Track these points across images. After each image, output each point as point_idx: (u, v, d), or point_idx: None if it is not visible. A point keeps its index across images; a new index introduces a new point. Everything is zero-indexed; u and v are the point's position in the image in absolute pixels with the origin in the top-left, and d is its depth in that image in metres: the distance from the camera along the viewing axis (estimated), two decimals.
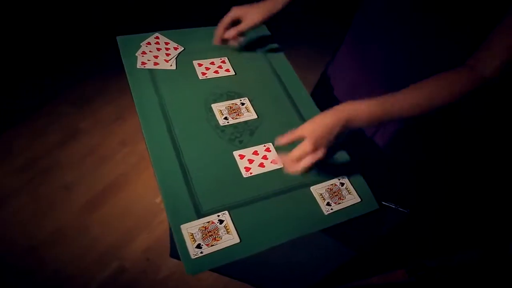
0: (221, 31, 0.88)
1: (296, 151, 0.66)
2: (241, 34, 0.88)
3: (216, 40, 0.89)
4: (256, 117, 0.83)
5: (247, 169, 0.75)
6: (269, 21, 0.88)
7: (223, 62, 0.92)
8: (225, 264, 0.63)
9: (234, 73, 0.90)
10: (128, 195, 1.69)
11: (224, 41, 0.90)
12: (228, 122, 0.81)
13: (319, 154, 0.66)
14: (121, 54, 0.87)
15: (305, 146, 0.65)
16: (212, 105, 0.82)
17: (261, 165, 0.76)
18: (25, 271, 1.43)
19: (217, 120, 0.81)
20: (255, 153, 0.77)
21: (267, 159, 0.77)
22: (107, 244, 1.54)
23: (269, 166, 0.76)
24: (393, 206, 0.78)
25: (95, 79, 2.01)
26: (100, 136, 1.83)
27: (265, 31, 1.02)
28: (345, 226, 0.73)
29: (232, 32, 0.87)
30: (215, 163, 0.74)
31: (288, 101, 0.88)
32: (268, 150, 0.77)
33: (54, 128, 1.81)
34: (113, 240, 1.55)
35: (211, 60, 0.91)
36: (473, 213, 1.75)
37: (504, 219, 1.73)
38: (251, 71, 0.92)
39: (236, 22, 0.87)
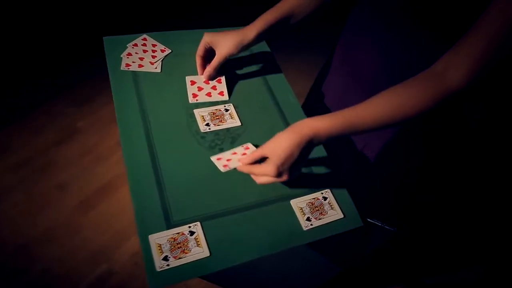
0: (200, 62, 0.83)
1: (261, 175, 0.65)
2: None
3: (201, 73, 0.84)
4: (240, 124, 0.80)
5: (225, 166, 0.71)
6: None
7: (219, 81, 0.86)
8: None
9: (227, 98, 0.84)
10: (122, 196, 1.67)
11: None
12: (209, 129, 0.78)
13: (284, 178, 0.64)
14: (105, 54, 0.86)
15: (269, 171, 0.63)
16: (194, 111, 0.80)
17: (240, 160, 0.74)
18: (14, 270, 1.42)
19: (198, 126, 0.78)
20: (234, 153, 0.73)
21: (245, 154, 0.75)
22: (98, 245, 1.53)
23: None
24: (379, 224, 0.74)
25: (95, 79, 2.01)
26: (98, 136, 1.83)
27: None
28: (329, 241, 0.70)
29: (208, 72, 0.82)
30: (192, 171, 0.72)
31: (275, 109, 0.85)
32: (247, 148, 0.73)
33: (52, 126, 1.81)
34: (104, 241, 1.54)
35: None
36: (475, 227, 1.68)
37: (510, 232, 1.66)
38: (239, 77, 0.90)
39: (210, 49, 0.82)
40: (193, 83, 0.84)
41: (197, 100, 0.81)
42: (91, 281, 1.44)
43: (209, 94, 0.83)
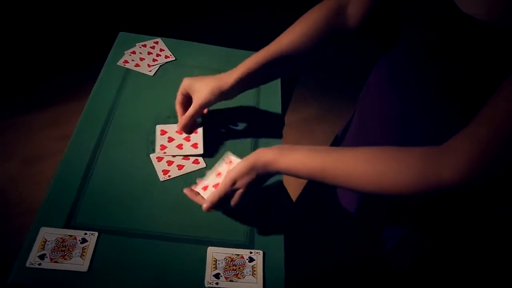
0: (180, 110, 0.75)
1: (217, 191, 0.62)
2: (198, 115, 0.74)
3: (179, 126, 0.75)
4: (202, 152, 0.74)
5: (165, 172, 0.71)
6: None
7: (195, 132, 0.76)
8: None
9: (202, 151, 0.74)
10: None
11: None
12: (165, 153, 0.74)
13: (232, 199, 0.62)
14: (112, 47, 0.90)
15: (220, 184, 0.61)
16: (157, 126, 0.76)
17: (180, 167, 0.72)
18: (11, 232, 1.53)
19: (155, 140, 0.75)
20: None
21: (188, 159, 0.73)
22: None
23: (190, 167, 0.72)
24: None
25: None
26: None
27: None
28: None
29: (182, 122, 0.73)
30: (125, 179, 0.69)
31: (250, 143, 0.78)
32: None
33: None
34: None
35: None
36: None
37: None
38: (226, 128, 0.81)
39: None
40: (163, 132, 0.76)
41: (164, 152, 0.73)
42: None
43: (180, 146, 0.74)
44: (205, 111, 0.78)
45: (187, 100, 0.74)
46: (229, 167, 0.64)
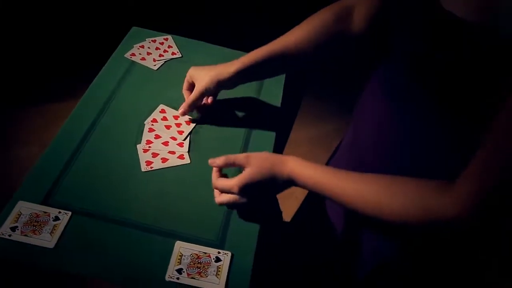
0: (187, 98, 0.79)
1: (223, 193, 0.66)
2: (199, 102, 0.78)
3: (180, 111, 0.78)
4: (189, 161, 0.74)
5: (148, 163, 0.72)
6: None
7: (187, 123, 0.80)
8: None
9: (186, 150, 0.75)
10: None
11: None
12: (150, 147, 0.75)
13: (244, 199, 0.64)
14: (123, 40, 0.94)
15: (232, 185, 0.63)
16: (146, 122, 0.78)
17: (164, 160, 0.73)
18: None
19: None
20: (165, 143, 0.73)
21: (174, 153, 0.74)
22: None
23: (174, 161, 0.73)
24: None
25: None
26: None
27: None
28: None
29: (182, 109, 0.77)
30: (108, 166, 0.71)
31: (241, 140, 0.79)
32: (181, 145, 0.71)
33: None
34: None
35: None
36: None
37: None
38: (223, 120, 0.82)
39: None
40: (163, 111, 0.80)
41: (150, 147, 0.74)
42: None
43: (165, 143, 0.75)
44: (210, 100, 0.81)
45: (192, 88, 0.78)
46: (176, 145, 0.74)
